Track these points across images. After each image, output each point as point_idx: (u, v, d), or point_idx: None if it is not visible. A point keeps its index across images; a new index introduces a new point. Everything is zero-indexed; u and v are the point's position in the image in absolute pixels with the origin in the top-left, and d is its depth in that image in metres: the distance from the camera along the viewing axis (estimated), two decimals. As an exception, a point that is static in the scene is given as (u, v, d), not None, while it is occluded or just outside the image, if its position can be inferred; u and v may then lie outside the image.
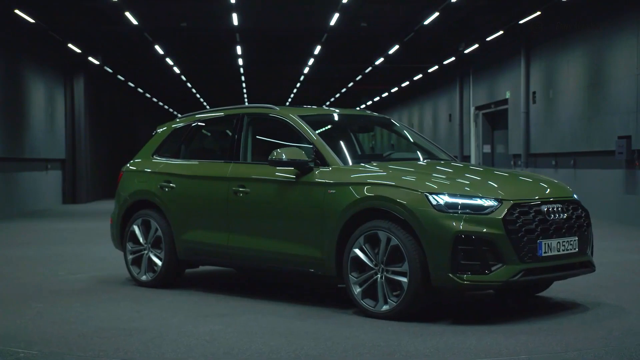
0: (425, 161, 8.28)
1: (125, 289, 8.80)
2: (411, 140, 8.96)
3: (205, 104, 51.61)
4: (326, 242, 7.31)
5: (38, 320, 7.02)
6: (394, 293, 6.83)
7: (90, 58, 26.64)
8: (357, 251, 7.07)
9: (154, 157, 9.31)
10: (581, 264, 7.20)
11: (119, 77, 33.19)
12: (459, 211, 6.66)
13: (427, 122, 35.87)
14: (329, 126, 8.99)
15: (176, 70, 32.63)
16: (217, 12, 22.92)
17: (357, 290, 7.07)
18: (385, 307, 6.87)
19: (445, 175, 7.27)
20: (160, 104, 47.53)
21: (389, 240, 6.87)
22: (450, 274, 6.57)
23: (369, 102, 46.91)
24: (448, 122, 31.92)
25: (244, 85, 41.40)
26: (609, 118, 17.33)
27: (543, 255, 6.76)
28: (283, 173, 7.73)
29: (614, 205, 17.30)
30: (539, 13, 20.38)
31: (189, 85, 39.79)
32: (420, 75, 33.90)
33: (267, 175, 7.90)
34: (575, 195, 7.34)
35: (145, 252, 8.94)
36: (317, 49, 28.16)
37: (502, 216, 6.63)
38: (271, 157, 7.62)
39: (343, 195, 7.23)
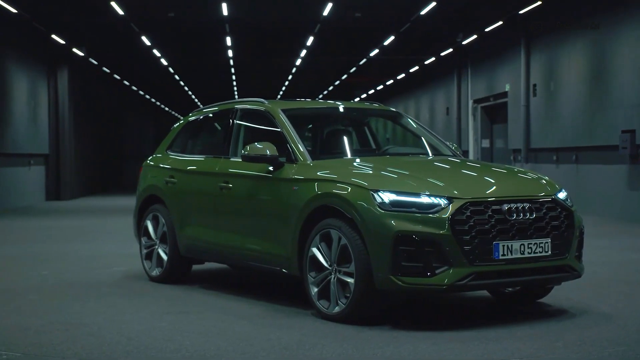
0: (422, 157, 8.29)
1: (114, 286, 8.88)
2: (416, 134, 8.92)
3: (193, 97, 51.55)
4: (290, 240, 7.34)
5: (6, 320, 7.11)
6: (346, 295, 6.78)
7: (74, 49, 26.56)
8: (315, 250, 7.04)
9: (167, 152, 9.63)
10: (557, 268, 6.86)
11: (105, 69, 33.12)
12: (404, 209, 6.53)
13: (423, 116, 35.86)
14: (320, 120, 9.06)
15: (164, 62, 32.57)
16: (206, 1, 22.88)
17: (314, 290, 7.05)
18: (336, 309, 6.83)
19: (414, 173, 7.08)
20: (147, 97, 47.45)
21: (340, 239, 6.82)
22: (391, 276, 6.45)
23: (364, 95, 46.90)
24: (445, 116, 31.91)
25: (233, 77, 41.34)
26: (613, 111, 17.34)
27: (500, 257, 6.50)
28: (259, 169, 7.81)
29: (617, 201, 17.32)
30: (539, 3, 20.39)
31: (176, 77, 39.72)
32: (417, 68, 33.90)
33: (246, 170, 8.01)
34: (559, 194, 7.03)
35: (156, 247, 9.22)
36: (310, 40, 28.14)
37: (448, 215, 6.44)
38: (244, 152, 7.73)
39: (304, 192, 7.24)
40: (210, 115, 9.47)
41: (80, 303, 7.87)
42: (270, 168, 7.69)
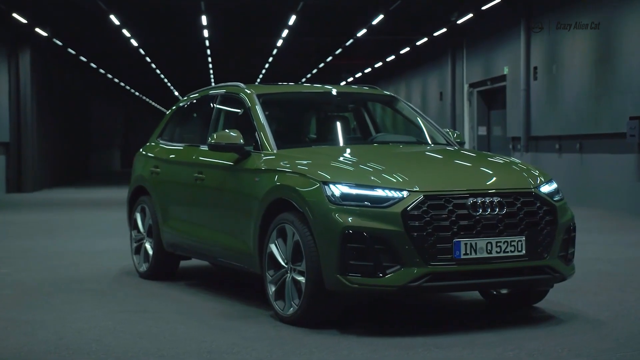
0: (409, 145, 8.27)
1: (85, 283, 8.92)
2: (409, 120, 8.86)
3: (166, 81, 51.38)
4: (251, 235, 7.32)
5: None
6: (300, 295, 6.71)
7: (37, 29, 26.38)
8: (272, 247, 7.01)
9: (158, 140, 9.70)
10: (533, 270, 6.63)
11: (70, 50, 32.93)
12: (355, 203, 6.42)
13: (415, 101, 35.86)
14: (305, 106, 9.06)
15: (134, 43, 32.40)
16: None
17: (272, 290, 7.01)
18: (290, 310, 6.78)
19: (385, 164, 6.91)
20: (117, 81, 47.26)
21: (293, 235, 6.76)
22: (338, 275, 6.35)
23: (350, 79, 46.86)
24: (439, 101, 31.91)
25: (209, 60, 41.21)
26: (619, 97, 17.33)
27: (462, 257, 6.32)
28: (228, 158, 7.80)
29: (624, 193, 17.32)
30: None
31: (148, 60, 39.54)
32: (408, 49, 33.85)
33: (218, 160, 8.01)
34: (543, 187, 6.82)
35: (144, 241, 9.28)
36: (292, 19, 28.02)
37: (402, 210, 6.28)
38: (210, 140, 7.71)
39: (264, 183, 7.21)
40: (197, 101, 9.47)
41: (41, 301, 7.93)
42: (237, 157, 7.68)
